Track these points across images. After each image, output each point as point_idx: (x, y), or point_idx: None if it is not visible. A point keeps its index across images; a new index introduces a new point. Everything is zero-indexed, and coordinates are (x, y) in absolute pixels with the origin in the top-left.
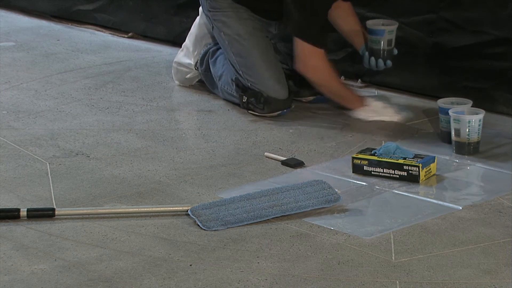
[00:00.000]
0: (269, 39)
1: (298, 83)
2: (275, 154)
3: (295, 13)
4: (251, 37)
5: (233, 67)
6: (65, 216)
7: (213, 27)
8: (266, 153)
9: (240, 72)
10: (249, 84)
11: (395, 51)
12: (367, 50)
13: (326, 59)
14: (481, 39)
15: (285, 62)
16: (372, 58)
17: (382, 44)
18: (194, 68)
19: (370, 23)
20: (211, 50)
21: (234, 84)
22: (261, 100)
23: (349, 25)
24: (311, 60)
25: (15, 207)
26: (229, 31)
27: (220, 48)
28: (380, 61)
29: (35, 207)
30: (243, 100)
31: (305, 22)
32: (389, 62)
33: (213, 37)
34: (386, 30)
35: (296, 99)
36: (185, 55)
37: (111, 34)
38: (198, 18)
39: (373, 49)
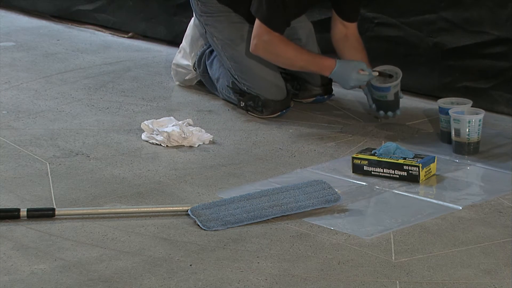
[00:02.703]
0: None
1: (297, 86)
2: (272, 153)
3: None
4: (244, 41)
5: (229, 71)
6: (65, 216)
7: (205, 31)
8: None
9: (236, 77)
10: (245, 88)
11: (402, 96)
12: (373, 101)
13: (278, 34)
14: (481, 39)
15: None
16: (381, 112)
17: (389, 98)
18: (192, 70)
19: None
20: (207, 52)
21: (231, 90)
22: (259, 104)
23: None
24: (263, 36)
25: (15, 207)
26: (221, 36)
27: None
28: (390, 113)
29: (35, 207)
30: (241, 105)
31: (270, 8)
32: (398, 112)
33: (206, 39)
34: (392, 86)
35: (296, 100)
36: (183, 57)
37: (111, 34)
38: (193, 19)
39: (380, 103)
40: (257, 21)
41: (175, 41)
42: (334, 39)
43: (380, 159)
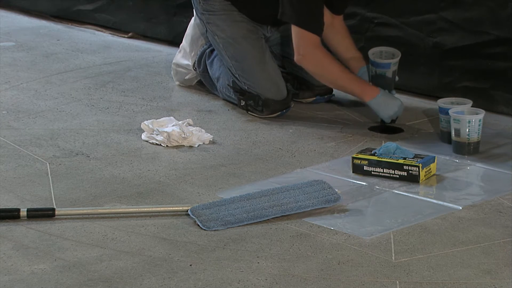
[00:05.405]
0: (264, 41)
1: (297, 86)
2: (272, 153)
3: (294, 2)
4: (246, 40)
5: (229, 70)
6: (65, 216)
7: (206, 30)
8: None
9: (237, 76)
10: (246, 87)
11: (397, 78)
12: (370, 80)
13: (323, 47)
14: (481, 39)
15: (282, 66)
16: None
17: (387, 76)
18: (192, 69)
19: (373, 55)
20: (207, 51)
21: (231, 88)
22: (260, 103)
23: (345, 48)
24: (308, 48)
25: (15, 207)
26: (223, 34)
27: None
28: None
29: (35, 207)
30: (242, 104)
31: (304, 11)
32: (393, 92)
33: (207, 39)
34: (392, 63)
35: (296, 100)
36: (183, 56)
37: (111, 34)
38: (193, 18)
39: (378, 81)
40: (294, 29)
41: (175, 41)
42: None
43: (380, 159)
